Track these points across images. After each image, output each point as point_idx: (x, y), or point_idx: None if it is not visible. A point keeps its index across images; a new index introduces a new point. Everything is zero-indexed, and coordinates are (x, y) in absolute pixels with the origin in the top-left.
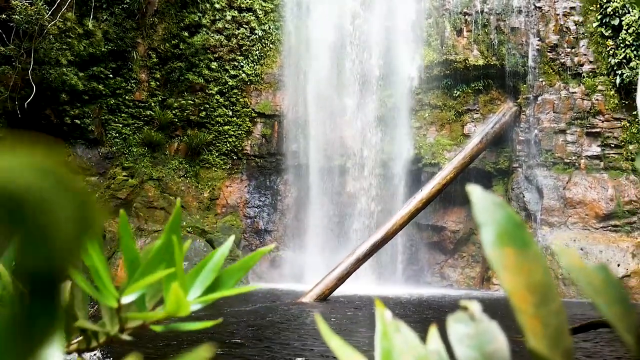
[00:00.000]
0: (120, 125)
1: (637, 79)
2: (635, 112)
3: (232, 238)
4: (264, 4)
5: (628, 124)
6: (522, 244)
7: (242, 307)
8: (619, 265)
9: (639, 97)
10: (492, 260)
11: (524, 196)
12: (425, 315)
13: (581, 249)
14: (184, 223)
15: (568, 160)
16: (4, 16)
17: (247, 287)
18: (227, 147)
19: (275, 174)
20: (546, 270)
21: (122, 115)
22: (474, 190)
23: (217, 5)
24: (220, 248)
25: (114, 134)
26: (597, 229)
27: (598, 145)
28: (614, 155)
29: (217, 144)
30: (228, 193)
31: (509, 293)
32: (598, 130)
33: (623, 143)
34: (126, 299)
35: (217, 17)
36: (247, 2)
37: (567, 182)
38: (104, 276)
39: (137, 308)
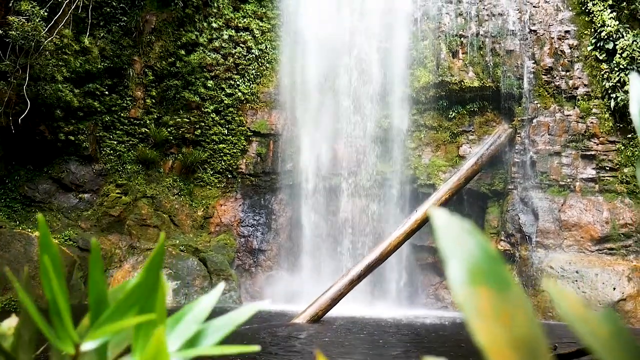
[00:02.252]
0: (115, 142)
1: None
2: (630, 136)
3: (221, 285)
4: (260, 23)
5: (623, 147)
6: (500, 283)
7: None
8: (614, 288)
9: (633, 108)
10: (461, 304)
11: (519, 218)
12: (419, 338)
13: (576, 272)
14: (177, 241)
15: (563, 183)
16: (0, 32)
17: (237, 346)
18: (222, 165)
19: (270, 193)
20: (532, 319)
21: (117, 132)
22: (438, 215)
23: (214, 25)
24: (206, 296)
25: (109, 151)
26: (593, 251)
27: (593, 168)
28: (609, 178)
29: (212, 162)
30: (222, 212)
31: (484, 349)
32: (593, 153)
33: (618, 166)
34: (87, 346)
35: (214, 36)
36: (244, 22)
37: (562, 205)
38: (64, 315)
39: (98, 357)
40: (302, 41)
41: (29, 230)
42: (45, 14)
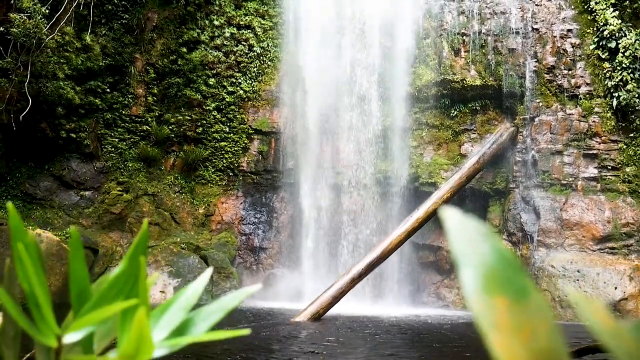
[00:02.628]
0: (116, 140)
1: (634, 102)
2: (632, 135)
3: (209, 270)
4: (262, 21)
5: (625, 146)
6: (519, 291)
7: (234, 325)
8: (616, 288)
9: None
10: (477, 315)
11: (520, 217)
12: (421, 337)
13: (578, 271)
14: (178, 239)
15: (565, 182)
16: (2, 29)
17: (227, 331)
18: (224, 163)
19: (271, 191)
20: (554, 330)
21: (119, 129)
22: (451, 216)
23: (216, 22)
24: (193, 283)
25: (110, 149)
26: (594, 251)
27: (595, 167)
28: (610, 177)
29: (214, 160)
30: (223, 209)
31: None
32: (595, 152)
33: (620, 165)
34: (70, 338)
35: (216, 34)
36: (246, 20)
37: (564, 204)
38: (44, 306)
39: (83, 350)
40: (303, 39)
41: (30, 227)
42: (47, 11)
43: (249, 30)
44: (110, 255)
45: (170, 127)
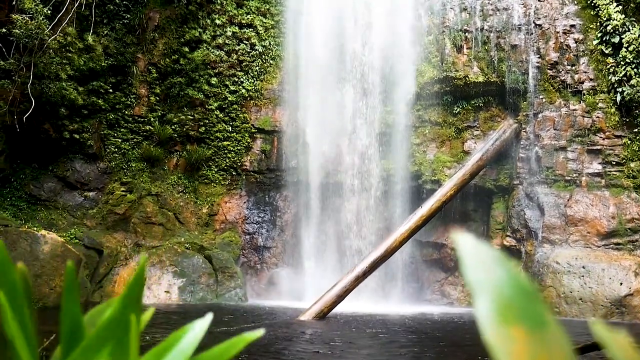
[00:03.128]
0: (120, 140)
1: (638, 97)
2: (636, 130)
3: (208, 317)
4: (264, 20)
5: (629, 142)
6: (536, 321)
7: (238, 325)
8: (621, 284)
9: None
10: (492, 346)
11: (524, 213)
12: (426, 335)
13: (583, 267)
14: (182, 239)
15: (569, 178)
16: (4, 30)
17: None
18: (227, 162)
19: (275, 190)
20: None
21: (122, 130)
22: (464, 242)
23: (217, 21)
24: (195, 325)
25: (113, 149)
26: (599, 247)
27: (599, 163)
28: (615, 173)
29: (217, 160)
30: (227, 209)
31: None
32: (599, 147)
33: (624, 160)
34: None
35: (218, 33)
36: (248, 19)
37: (568, 200)
38: (20, 348)
39: None
40: (305, 39)
41: (35, 228)
42: (49, 12)
43: (250, 29)
44: (114, 256)
45: (173, 127)
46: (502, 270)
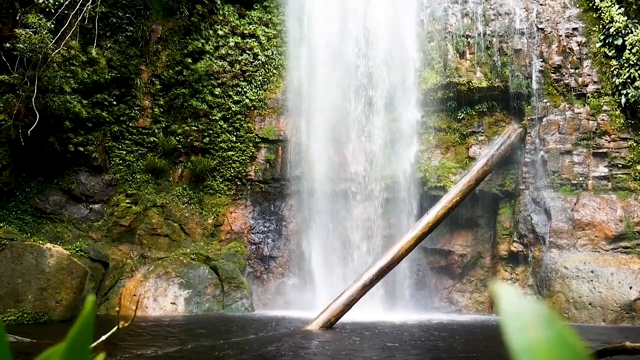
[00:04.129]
0: (124, 152)
1: None
2: None
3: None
4: (266, 30)
5: (635, 144)
6: None
7: (245, 335)
8: (631, 287)
9: None
10: None
11: (531, 218)
12: (435, 342)
13: (592, 272)
14: (188, 250)
15: (575, 181)
16: (8, 45)
17: None
18: (231, 172)
19: (280, 199)
20: None
21: (126, 142)
22: (505, 295)
23: (220, 32)
24: None
25: (118, 161)
26: (607, 250)
27: (605, 166)
28: (621, 176)
29: (221, 170)
30: (232, 219)
31: None
32: (605, 150)
33: (630, 163)
34: None
35: (221, 44)
36: (250, 29)
37: (575, 204)
38: None
39: None
40: (308, 46)
41: (40, 242)
42: (52, 26)
43: (253, 39)
44: (120, 268)
45: (177, 138)
46: (551, 330)
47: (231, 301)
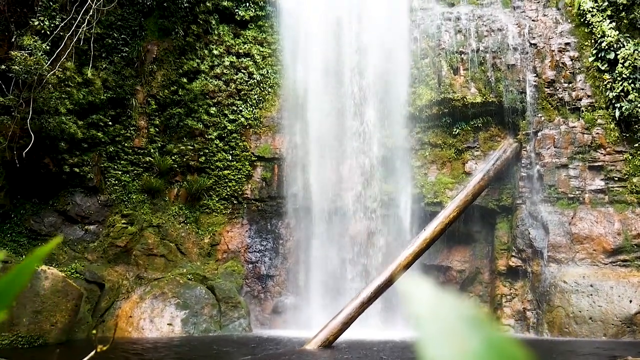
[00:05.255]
0: (120, 173)
1: (636, 112)
2: (637, 145)
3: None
4: (261, 49)
5: (630, 157)
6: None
7: (243, 355)
8: (630, 301)
9: None
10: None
11: (529, 233)
12: None
13: (591, 286)
14: (184, 270)
15: (572, 195)
16: (3, 67)
17: None
18: (227, 191)
19: (277, 217)
20: None
21: (122, 162)
22: (416, 290)
23: (215, 52)
24: None
25: (113, 181)
26: (606, 264)
27: (601, 179)
28: (618, 189)
29: (217, 189)
30: (229, 238)
31: None
32: (600, 163)
33: (627, 176)
34: None
35: (216, 63)
36: (245, 48)
37: (572, 217)
38: None
39: None
40: (303, 64)
41: (35, 264)
42: (48, 47)
43: (248, 58)
44: (116, 290)
45: (173, 158)
46: (481, 340)
47: (228, 321)
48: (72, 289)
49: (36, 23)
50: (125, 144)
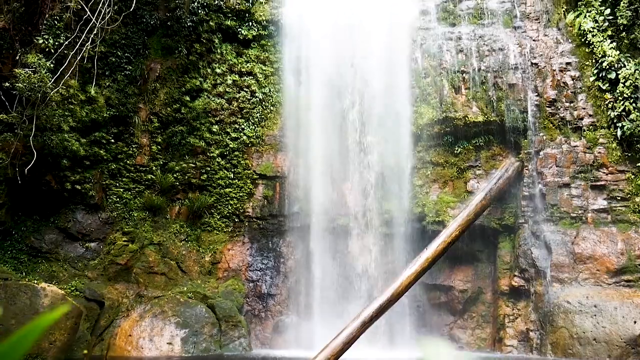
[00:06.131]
0: (121, 190)
1: (638, 131)
2: (639, 164)
3: None
4: (264, 67)
5: (633, 176)
6: None
7: None
8: (635, 322)
9: None
10: None
11: (532, 252)
12: None
13: (595, 306)
14: (185, 288)
15: (574, 215)
16: (7, 84)
17: None
18: (229, 209)
19: (278, 235)
20: None
21: (123, 179)
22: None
23: (218, 70)
24: None
25: (115, 199)
26: (610, 284)
27: (604, 199)
28: (621, 208)
29: (219, 207)
30: (230, 256)
31: None
32: (603, 183)
33: (629, 195)
34: None
35: (218, 82)
36: (248, 67)
37: (575, 237)
38: None
39: None
40: (305, 83)
41: (35, 281)
42: (52, 65)
43: (250, 77)
44: (116, 308)
45: (174, 175)
46: None
47: (229, 340)
48: (72, 307)
49: (41, 41)
50: (127, 162)
